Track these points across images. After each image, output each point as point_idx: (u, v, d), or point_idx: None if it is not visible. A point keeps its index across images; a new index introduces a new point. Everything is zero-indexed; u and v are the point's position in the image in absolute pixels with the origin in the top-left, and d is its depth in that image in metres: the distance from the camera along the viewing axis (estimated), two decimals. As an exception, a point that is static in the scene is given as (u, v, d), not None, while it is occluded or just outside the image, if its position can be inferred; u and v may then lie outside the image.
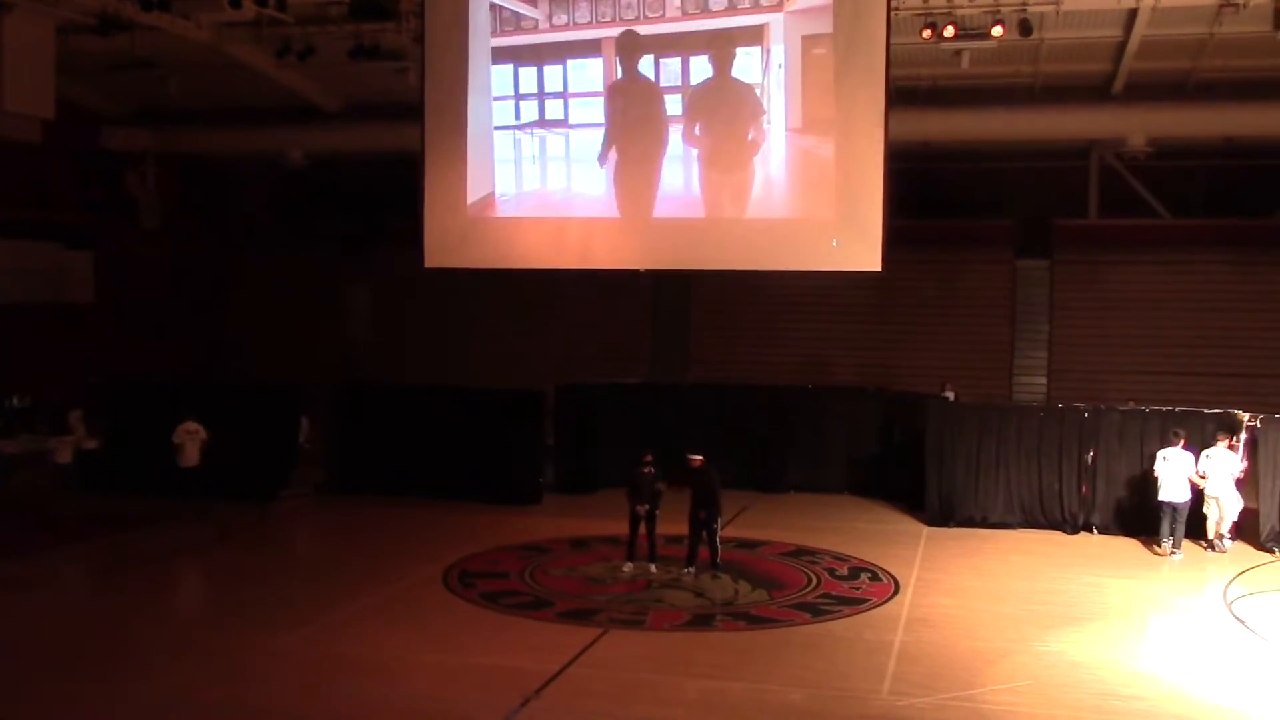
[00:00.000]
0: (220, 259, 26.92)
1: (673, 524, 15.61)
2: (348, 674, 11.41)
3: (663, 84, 19.70)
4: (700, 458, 15.57)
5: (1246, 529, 17.29)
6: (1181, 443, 16.82)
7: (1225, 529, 16.94)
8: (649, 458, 15.59)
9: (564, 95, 20.16)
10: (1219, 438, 16.70)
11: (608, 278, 20.46)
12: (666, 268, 19.72)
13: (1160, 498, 16.80)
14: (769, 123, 19.20)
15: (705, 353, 22.76)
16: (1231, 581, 15.02)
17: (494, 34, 20.20)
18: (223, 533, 17.10)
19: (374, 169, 23.82)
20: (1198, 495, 16.84)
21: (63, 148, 24.59)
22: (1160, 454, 17.04)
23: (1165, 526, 16.75)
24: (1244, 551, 16.93)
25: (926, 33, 19.45)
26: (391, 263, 21.89)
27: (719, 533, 15.62)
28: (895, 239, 18.24)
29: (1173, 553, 16.55)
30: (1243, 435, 17.35)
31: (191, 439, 18.56)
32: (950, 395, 19.79)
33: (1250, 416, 17.68)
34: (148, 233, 27.71)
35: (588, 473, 20.97)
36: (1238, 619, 13.81)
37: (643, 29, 19.46)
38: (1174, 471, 16.68)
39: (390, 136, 22.48)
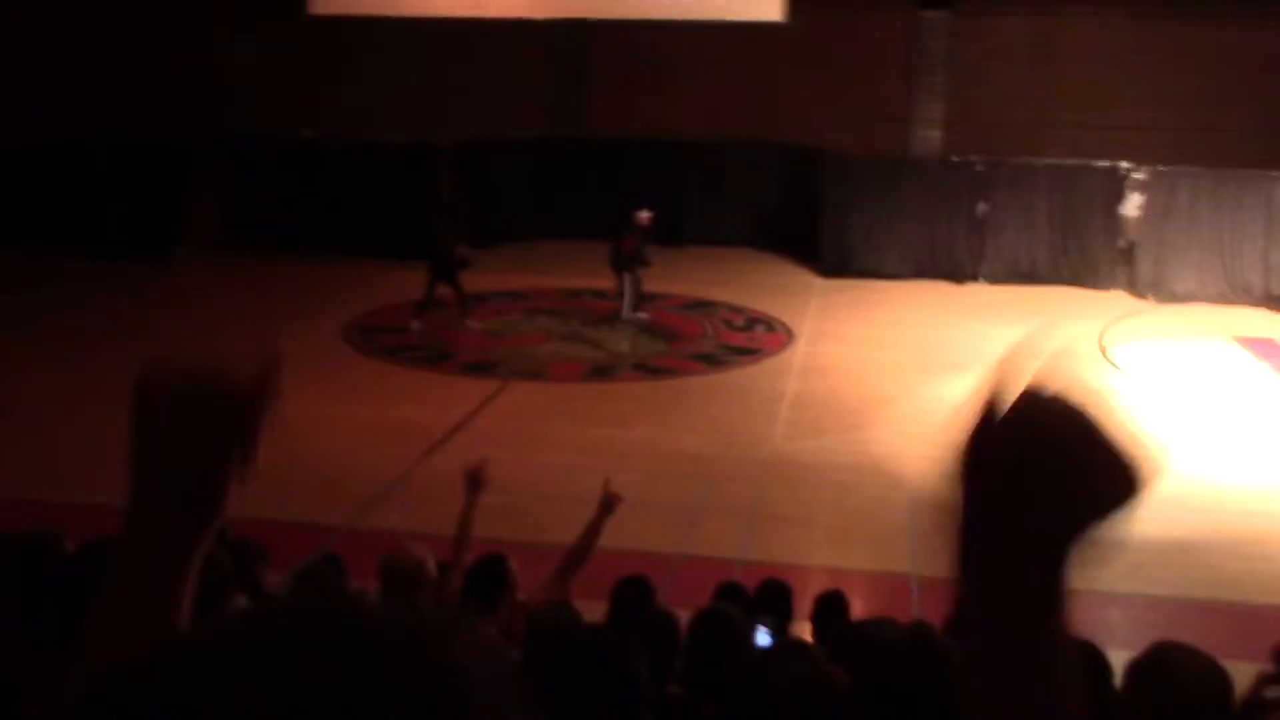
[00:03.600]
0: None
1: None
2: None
3: None
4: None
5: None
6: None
7: None
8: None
9: None
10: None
11: (503, 27, 19.83)
12: (560, 15, 19.19)
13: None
14: None
15: (604, 106, 22.37)
16: (1108, 326, 15.69)
17: None
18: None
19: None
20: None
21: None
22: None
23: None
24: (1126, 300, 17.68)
25: None
26: (279, 9, 20.91)
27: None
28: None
29: None
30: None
31: None
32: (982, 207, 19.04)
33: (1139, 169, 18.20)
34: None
35: (484, 228, 20.81)
36: (1109, 361, 14.55)
37: None
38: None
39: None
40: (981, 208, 18.73)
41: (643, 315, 16.04)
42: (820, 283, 18.76)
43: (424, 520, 9.10)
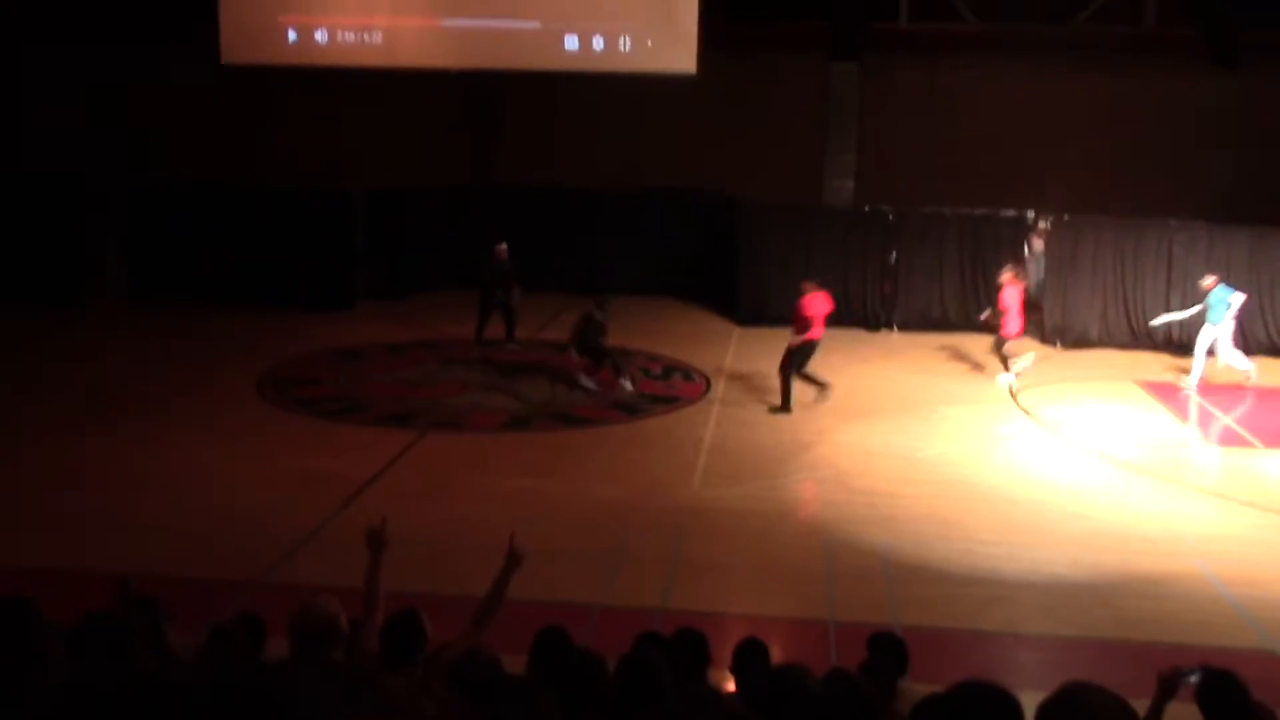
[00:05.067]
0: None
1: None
2: (163, 482, 11.31)
3: None
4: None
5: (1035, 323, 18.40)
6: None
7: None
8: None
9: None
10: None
11: (420, 77, 19.82)
12: (475, 67, 19.23)
13: None
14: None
15: (521, 156, 22.42)
16: (1018, 374, 16.02)
17: None
18: None
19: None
20: None
21: None
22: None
23: None
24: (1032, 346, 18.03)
25: None
26: (186, 56, 20.69)
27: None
28: (710, 40, 18.15)
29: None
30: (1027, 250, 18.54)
31: None
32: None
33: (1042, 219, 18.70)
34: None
35: (398, 278, 20.74)
36: (1021, 408, 14.84)
37: None
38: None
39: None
40: (892, 257, 19.07)
41: (514, 346, 16.97)
42: (737, 330, 18.93)
43: (339, 573, 8.89)
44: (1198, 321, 16.02)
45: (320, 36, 18.96)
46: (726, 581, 9.44)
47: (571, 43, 18.40)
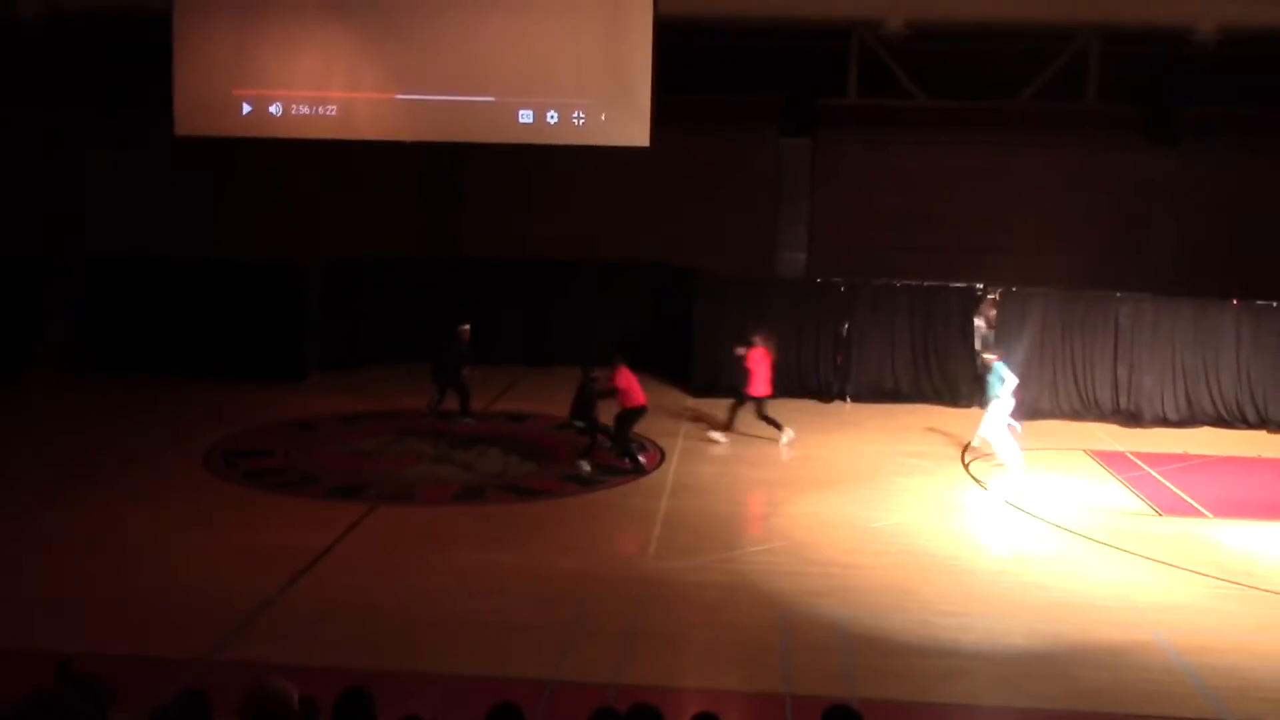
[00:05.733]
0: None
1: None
2: (106, 557, 11.08)
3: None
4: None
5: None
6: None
7: None
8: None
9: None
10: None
11: (375, 148, 19.88)
12: (430, 139, 19.32)
13: None
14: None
15: (475, 228, 22.50)
16: (968, 444, 16.13)
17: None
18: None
19: (121, 27, 22.27)
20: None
21: None
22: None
23: None
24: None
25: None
26: (142, 128, 20.66)
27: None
28: (664, 114, 18.36)
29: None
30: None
31: None
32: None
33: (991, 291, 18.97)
34: None
35: (353, 349, 20.63)
36: (973, 477, 14.91)
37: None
38: None
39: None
40: (844, 328, 19.22)
41: (469, 420, 16.99)
42: (691, 402, 18.94)
43: (288, 652, 8.79)
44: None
45: (275, 109, 18.97)
46: (682, 655, 9.33)
47: (526, 116, 18.52)
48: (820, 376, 19.44)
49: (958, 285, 19.41)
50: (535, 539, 12.13)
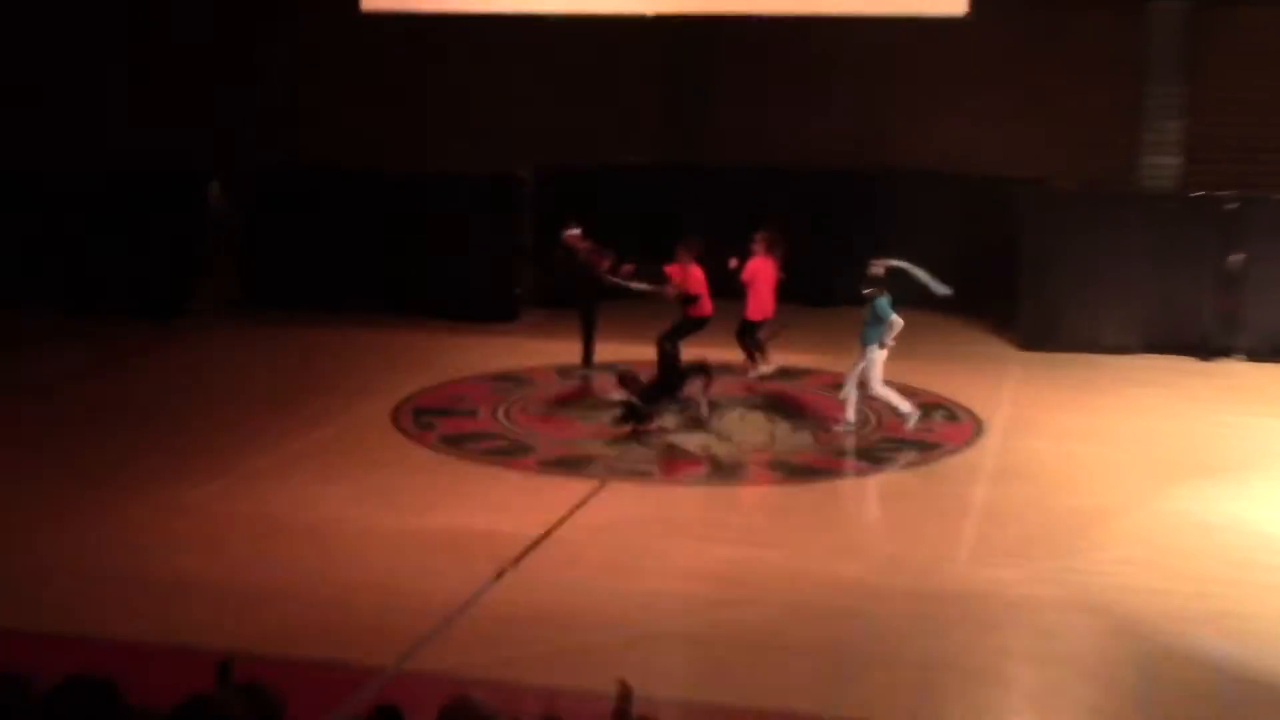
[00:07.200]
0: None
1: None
2: (272, 539, 11.59)
3: None
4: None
5: None
6: None
7: None
8: None
9: None
10: None
11: (605, 27, 20.13)
12: (680, 11, 19.41)
13: None
14: None
15: (728, 127, 22.59)
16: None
17: None
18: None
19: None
20: None
21: None
22: None
23: None
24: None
25: None
26: (319, 8, 21.55)
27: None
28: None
29: None
30: None
31: None
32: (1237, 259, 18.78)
33: None
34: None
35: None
36: None
37: None
38: None
39: None
40: (1235, 259, 18.43)
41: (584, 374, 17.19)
42: (1018, 356, 18.63)
43: (491, 663, 9.02)
44: None
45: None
46: (1002, 696, 9.19)
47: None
48: (1200, 325, 18.73)
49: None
50: (807, 533, 12.12)
